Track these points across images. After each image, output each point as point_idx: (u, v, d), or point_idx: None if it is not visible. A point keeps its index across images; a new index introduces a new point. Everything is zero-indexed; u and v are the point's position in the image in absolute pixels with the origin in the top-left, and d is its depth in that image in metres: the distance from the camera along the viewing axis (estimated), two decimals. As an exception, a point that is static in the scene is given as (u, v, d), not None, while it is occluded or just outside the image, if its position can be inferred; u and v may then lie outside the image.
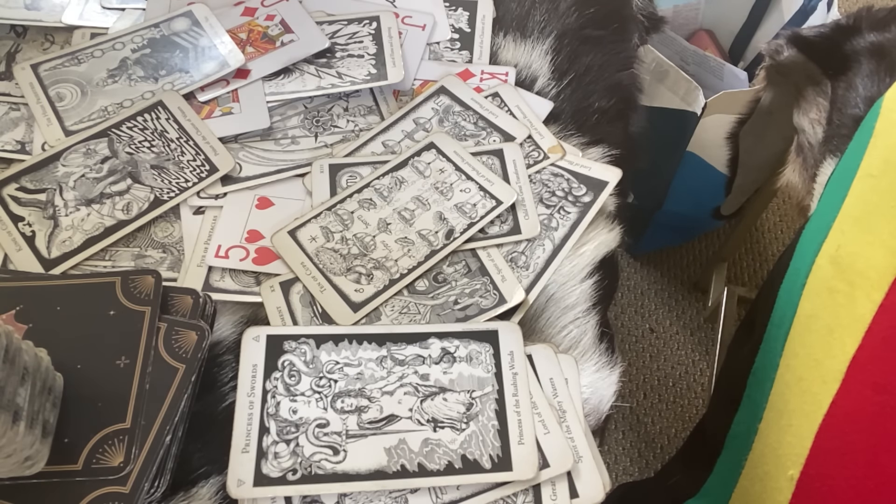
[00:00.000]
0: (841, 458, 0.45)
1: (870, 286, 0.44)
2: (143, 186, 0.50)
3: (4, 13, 0.60)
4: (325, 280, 0.49)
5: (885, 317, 0.43)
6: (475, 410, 0.45)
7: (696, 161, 1.09)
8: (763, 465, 0.49)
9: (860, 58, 0.75)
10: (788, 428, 0.47)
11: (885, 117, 0.48)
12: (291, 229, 0.51)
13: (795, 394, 0.47)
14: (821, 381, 0.45)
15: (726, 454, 0.54)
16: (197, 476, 0.42)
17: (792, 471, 0.47)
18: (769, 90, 0.95)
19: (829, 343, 0.45)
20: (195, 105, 0.55)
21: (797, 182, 0.82)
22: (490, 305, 0.49)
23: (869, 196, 0.46)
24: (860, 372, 0.44)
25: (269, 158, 0.55)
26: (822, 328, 0.46)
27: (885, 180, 0.45)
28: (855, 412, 0.44)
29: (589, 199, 0.54)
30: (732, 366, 0.59)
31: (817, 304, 0.47)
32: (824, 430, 0.45)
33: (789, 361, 0.48)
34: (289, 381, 0.45)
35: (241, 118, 0.55)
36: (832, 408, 0.45)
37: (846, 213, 0.47)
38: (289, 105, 0.57)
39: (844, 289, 0.45)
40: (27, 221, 0.49)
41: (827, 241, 0.48)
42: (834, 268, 0.46)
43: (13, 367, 0.37)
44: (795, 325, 0.48)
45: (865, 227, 0.45)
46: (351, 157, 0.55)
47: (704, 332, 1.29)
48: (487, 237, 0.52)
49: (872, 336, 0.44)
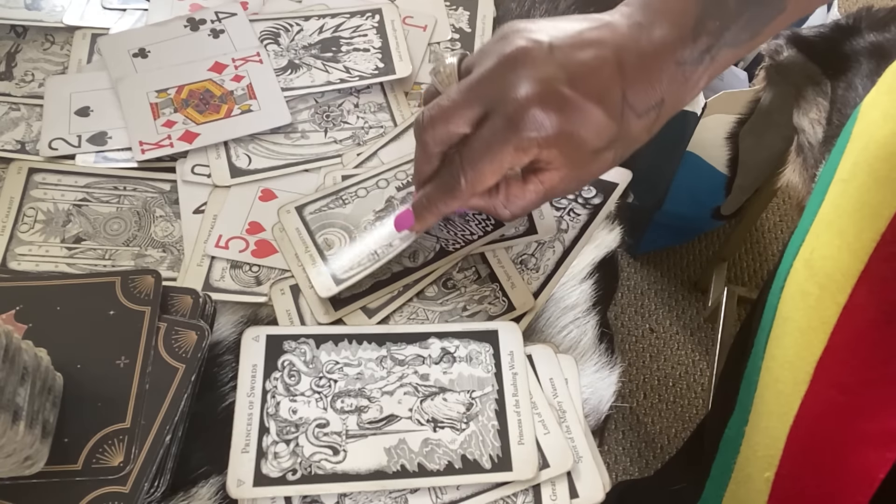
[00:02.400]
0: (810, 459, 0.46)
1: (836, 288, 0.44)
2: (430, 237, 0.51)
3: (4, 13, 0.60)
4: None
5: (847, 318, 0.44)
6: (475, 410, 0.45)
7: (696, 161, 1.09)
8: (747, 468, 0.50)
9: (860, 58, 0.75)
10: (766, 430, 0.48)
11: (860, 122, 0.49)
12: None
13: (772, 395, 0.48)
14: (793, 382, 0.46)
15: (720, 458, 0.54)
16: (197, 476, 0.42)
17: (768, 472, 0.47)
18: (769, 90, 0.95)
19: (800, 345, 0.46)
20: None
21: (797, 182, 0.82)
22: (498, 312, 0.49)
23: (840, 200, 0.47)
24: (826, 373, 0.45)
25: (279, 152, 0.55)
26: (794, 330, 0.47)
27: (853, 184, 0.46)
28: (822, 413, 0.45)
29: (599, 201, 0.54)
30: (729, 369, 0.59)
31: (791, 307, 0.48)
32: (794, 431, 0.46)
33: (768, 364, 0.49)
34: (289, 381, 0.45)
35: (262, 115, 0.55)
36: (801, 409, 0.45)
37: (821, 218, 0.48)
38: (300, 99, 0.57)
39: (815, 291, 0.46)
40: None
41: (804, 244, 0.49)
42: (807, 271, 0.47)
43: (13, 366, 0.37)
44: (774, 328, 0.49)
45: (836, 230, 0.46)
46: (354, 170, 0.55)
47: (704, 332, 1.29)
48: (503, 239, 0.51)
49: (837, 337, 0.44)
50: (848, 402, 0.44)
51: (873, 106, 0.49)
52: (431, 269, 0.49)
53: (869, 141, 0.46)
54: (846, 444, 0.44)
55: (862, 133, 0.48)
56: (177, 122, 0.54)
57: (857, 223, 0.44)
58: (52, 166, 0.53)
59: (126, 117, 0.54)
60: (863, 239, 0.43)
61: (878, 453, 0.42)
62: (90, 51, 0.59)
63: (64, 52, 0.59)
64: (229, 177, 0.53)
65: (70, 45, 0.59)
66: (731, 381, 0.54)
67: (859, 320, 0.44)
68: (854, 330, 0.44)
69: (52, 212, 0.51)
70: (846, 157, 0.48)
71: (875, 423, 0.43)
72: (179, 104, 0.55)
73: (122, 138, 0.54)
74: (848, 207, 0.46)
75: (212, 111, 0.55)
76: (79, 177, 0.53)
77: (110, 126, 0.55)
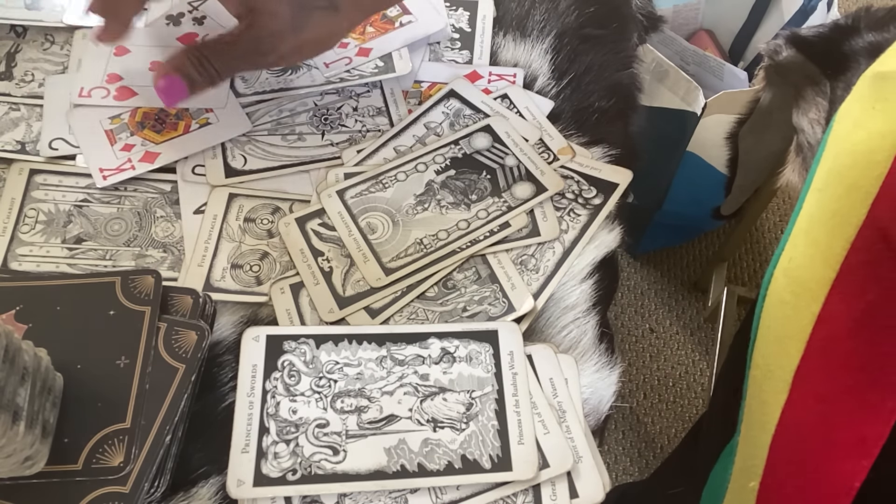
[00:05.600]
0: (790, 468, 0.46)
1: (810, 297, 0.44)
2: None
3: (4, 13, 0.60)
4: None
5: (822, 327, 0.44)
6: (475, 410, 0.45)
7: (696, 161, 1.09)
8: (740, 479, 0.50)
9: (859, 58, 0.75)
10: (751, 439, 0.48)
11: (833, 131, 0.49)
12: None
13: (756, 405, 0.48)
14: (773, 391, 0.46)
15: (718, 467, 0.54)
16: (197, 476, 0.42)
17: (753, 482, 0.47)
18: (769, 90, 0.95)
19: (779, 354, 0.46)
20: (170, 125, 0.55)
21: (797, 182, 0.82)
22: (499, 314, 0.49)
23: (814, 209, 0.47)
24: (804, 382, 0.45)
25: (275, 154, 0.55)
26: (774, 339, 0.47)
27: (826, 193, 0.46)
28: (801, 422, 0.45)
29: (599, 202, 0.54)
30: (727, 377, 0.59)
31: (771, 316, 0.48)
32: (776, 441, 0.46)
33: (753, 373, 0.49)
34: (288, 382, 0.45)
35: (220, 126, 0.55)
36: (782, 418, 0.46)
37: (798, 227, 0.48)
38: (298, 102, 0.58)
39: (791, 300, 0.46)
40: (326, 257, 0.50)
41: (783, 253, 0.49)
42: (785, 279, 0.47)
43: (13, 366, 0.37)
44: (758, 338, 0.49)
45: (811, 239, 0.46)
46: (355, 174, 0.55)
47: (704, 332, 1.29)
48: (507, 240, 0.51)
49: (812, 346, 0.44)
50: (825, 411, 0.44)
51: (846, 114, 0.49)
52: (436, 270, 0.49)
53: (840, 149, 0.46)
54: (825, 453, 0.44)
55: (835, 142, 0.48)
56: (135, 145, 0.54)
57: (829, 231, 0.44)
58: (53, 167, 0.53)
59: (82, 146, 0.54)
60: (834, 247, 0.43)
61: (854, 461, 0.42)
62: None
63: (64, 52, 0.59)
64: (223, 177, 0.53)
65: (70, 45, 0.59)
66: (730, 390, 0.54)
67: (833, 328, 0.44)
68: (828, 338, 0.44)
69: (53, 212, 0.51)
70: (821, 165, 0.48)
71: (850, 431, 0.43)
72: (135, 127, 0.55)
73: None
74: (821, 216, 0.46)
75: (169, 129, 0.55)
76: (80, 178, 0.53)
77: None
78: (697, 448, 0.60)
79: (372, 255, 0.50)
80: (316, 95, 0.58)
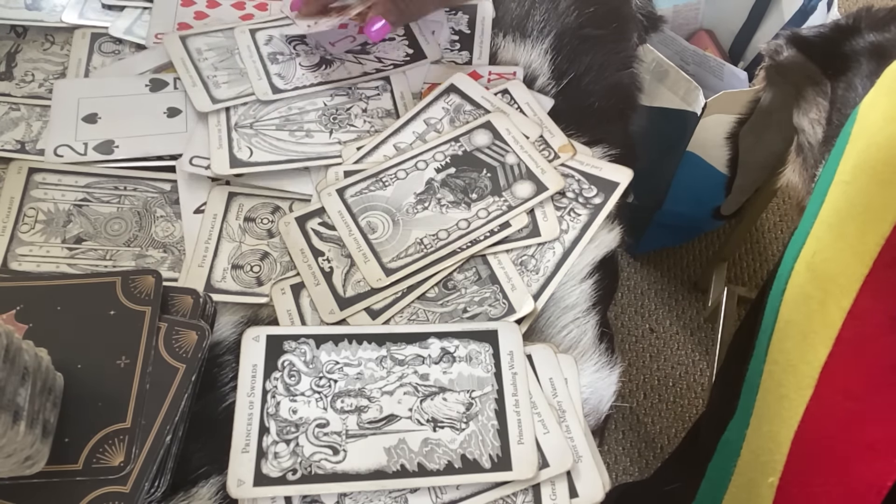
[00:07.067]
0: (815, 465, 0.45)
1: (840, 292, 0.44)
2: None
3: (4, 13, 0.60)
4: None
5: (853, 323, 0.44)
6: (475, 410, 0.45)
7: (696, 161, 1.09)
8: (749, 473, 0.50)
9: (860, 58, 0.75)
10: (769, 435, 0.48)
11: (859, 123, 0.48)
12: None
13: (775, 400, 0.48)
14: (796, 387, 0.46)
15: (717, 460, 0.54)
16: (197, 476, 0.42)
17: (772, 478, 0.47)
18: (769, 90, 0.95)
19: (804, 349, 0.46)
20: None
21: (797, 182, 0.82)
22: (499, 315, 0.49)
23: (841, 202, 0.46)
24: (831, 378, 0.44)
25: (282, 148, 0.55)
26: (797, 334, 0.47)
27: (854, 186, 0.45)
28: (827, 418, 0.45)
29: (600, 201, 0.54)
30: (728, 371, 0.59)
31: (794, 310, 0.48)
32: (800, 437, 0.46)
33: (770, 368, 0.49)
34: (289, 381, 0.45)
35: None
36: (806, 414, 0.45)
37: (822, 220, 0.48)
38: (308, 101, 0.58)
39: (818, 295, 0.46)
40: (326, 257, 0.50)
41: (805, 247, 0.48)
42: (809, 274, 0.47)
43: (13, 366, 0.37)
44: (776, 332, 0.49)
45: (837, 233, 0.46)
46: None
47: (704, 332, 1.29)
48: (507, 240, 0.51)
49: (842, 342, 0.44)
50: (854, 408, 0.44)
51: (872, 107, 0.49)
52: (436, 270, 0.49)
53: (869, 143, 0.46)
54: (853, 451, 0.44)
55: (861, 134, 0.48)
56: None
57: (859, 226, 0.44)
58: (52, 166, 0.53)
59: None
60: (867, 242, 0.43)
61: (886, 461, 0.42)
62: (90, 50, 0.59)
63: (64, 52, 0.59)
64: (229, 167, 0.53)
65: (70, 45, 0.59)
66: (730, 384, 0.54)
67: (865, 325, 0.43)
68: (860, 335, 0.43)
69: (53, 212, 0.51)
70: (846, 158, 0.48)
71: (881, 430, 0.43)
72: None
73: (129, 148, 0.54)
74: (850, 210, 0.45)
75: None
76: (79, 177, 0.53)
77: (118, 135, 0.54)
78: (697, 444, 0.60)
79: (372, 254, 0.50)
80: (342, 89, 0.59)
